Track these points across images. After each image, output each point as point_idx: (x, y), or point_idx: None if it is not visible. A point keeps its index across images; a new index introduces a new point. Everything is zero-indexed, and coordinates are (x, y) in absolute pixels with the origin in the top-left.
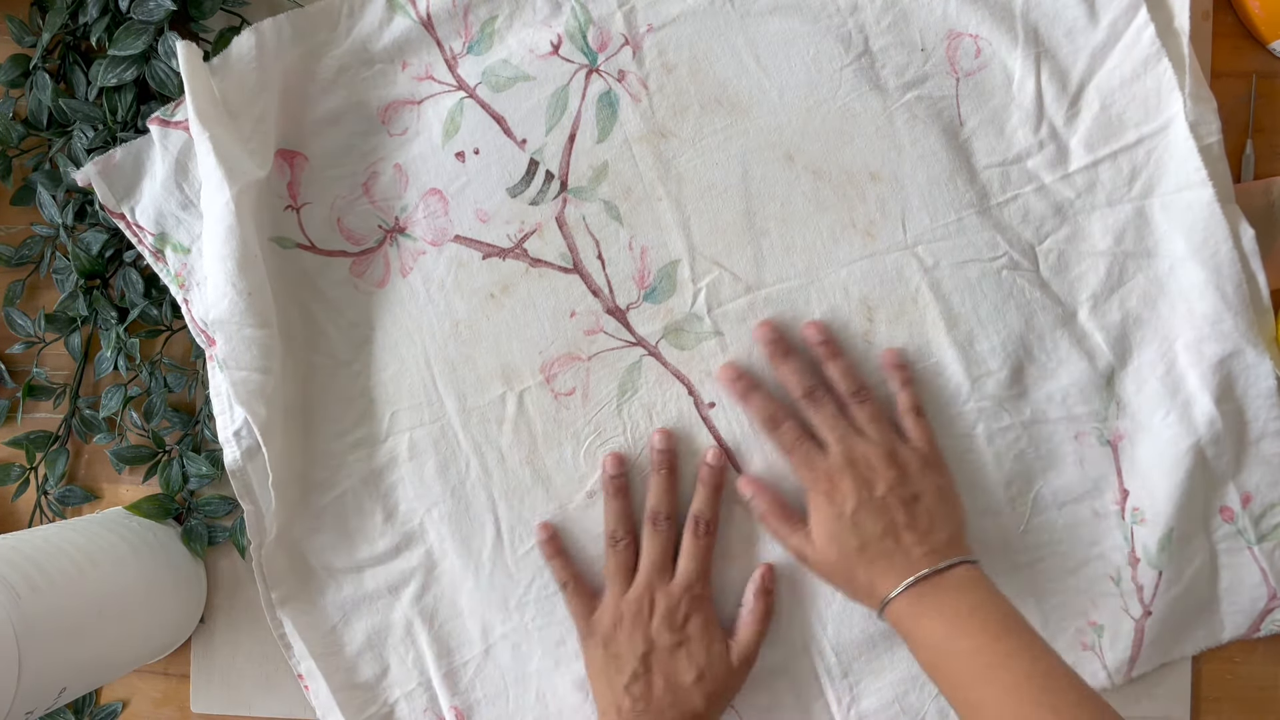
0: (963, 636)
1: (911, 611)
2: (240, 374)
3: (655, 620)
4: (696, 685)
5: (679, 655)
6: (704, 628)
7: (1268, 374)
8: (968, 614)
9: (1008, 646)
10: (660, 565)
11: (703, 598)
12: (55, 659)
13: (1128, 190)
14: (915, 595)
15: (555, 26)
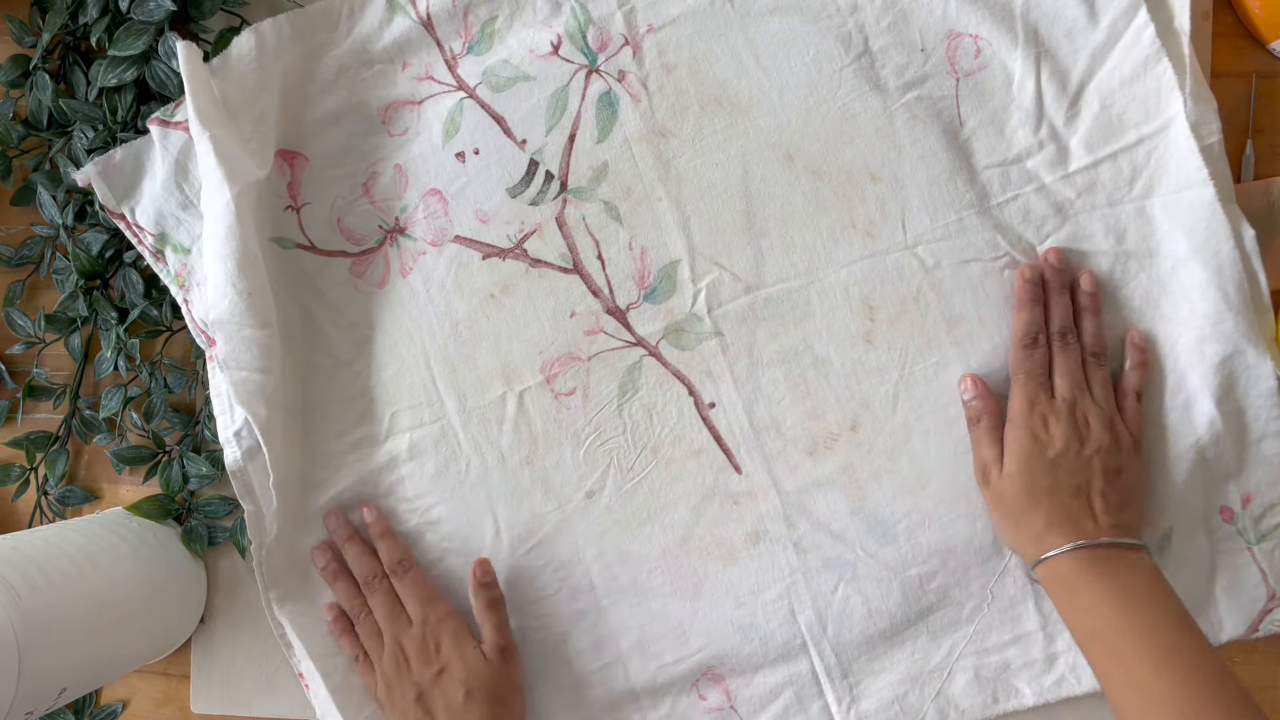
0: (1136, 615)
1: (1079, 575)
2: (241, 374)
3: (413, 664)
4: (470, 700)
5: (444, 682)
6: (453, 645)
7: (1268, 374)
8: (1144, 594)
9: (1184, 637)
10: (392, 615)
11: (440, 620)
12: (55, 659)
13: (1128, 190)
14: (1087, 560)
15: (555, 27)
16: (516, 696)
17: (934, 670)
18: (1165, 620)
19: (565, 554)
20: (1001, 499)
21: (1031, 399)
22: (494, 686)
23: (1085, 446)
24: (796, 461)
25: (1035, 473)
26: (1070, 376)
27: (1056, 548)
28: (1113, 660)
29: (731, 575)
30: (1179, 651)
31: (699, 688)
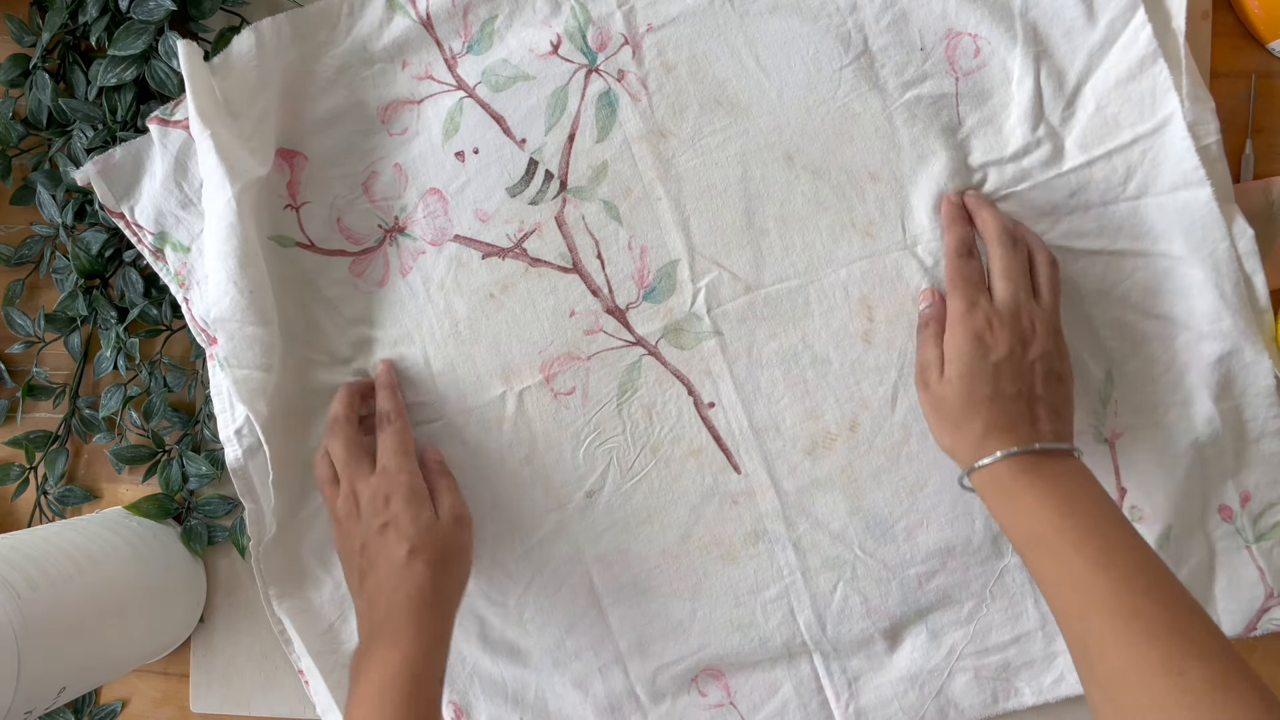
0: (1075, 516)
1: (1018, 480)
2: (242, 372)
3: (363, 513)
4: (412, 557)
5: (389, 535)
6: (406, 501)
7: (1266, 373)
8: (1083, 497)
9: (1122, 538)
10: (352, 460)
11: (400, 475)
12: (55, 659)
13: (1122, 190)
14: (1024, 466)
15: (555, 26)
16: (462, 562)
17: (934, 670)
18: (1104, 521)
19: (565, 554)
20: (941, 404)
21: (972, 301)
22: (440, 548)
23: (1029, 351)
24: (796, 461)
25: (976, 378)
26: (1013, 280)
27: (995, 453)
28: (1053, 561)
29: (731, 575)
30: (1120, 550)
31: (699, 684)
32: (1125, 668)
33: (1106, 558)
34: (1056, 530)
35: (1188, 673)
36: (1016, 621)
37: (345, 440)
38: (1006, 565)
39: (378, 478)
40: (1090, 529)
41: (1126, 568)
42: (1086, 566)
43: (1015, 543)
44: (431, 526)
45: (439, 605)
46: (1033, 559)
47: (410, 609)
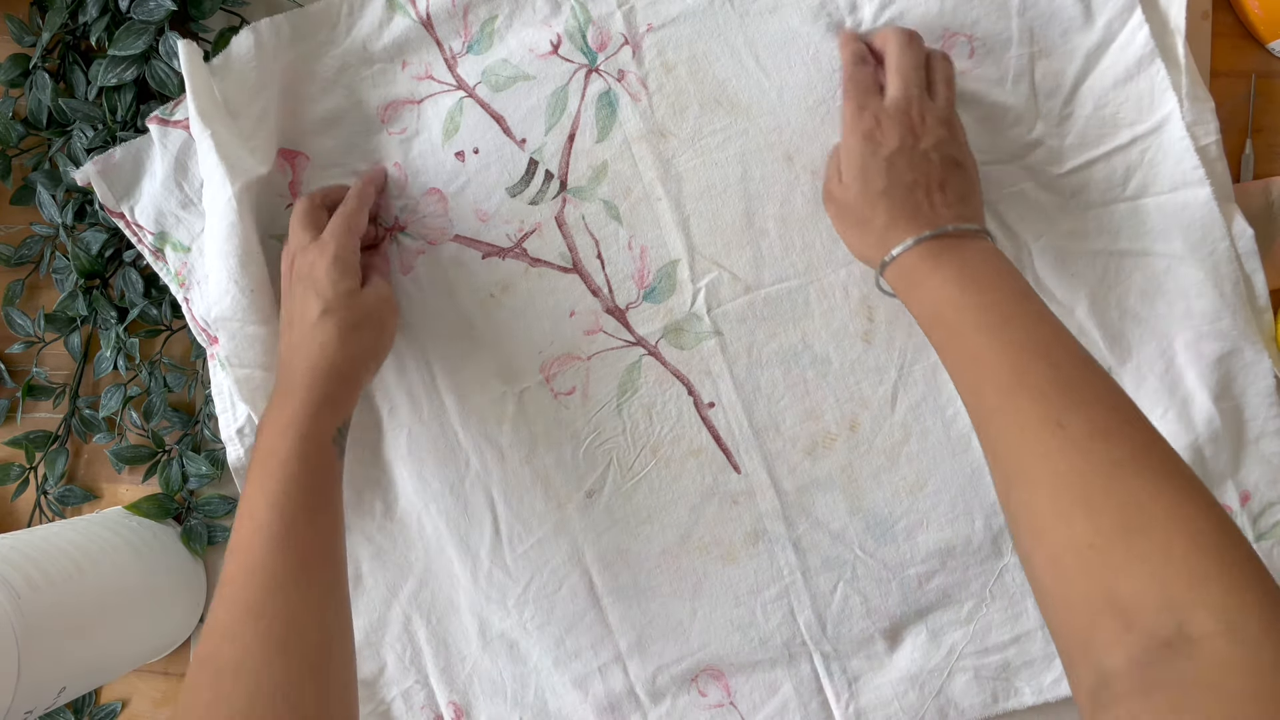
0: (974, 292)
1: (922, 266)
2: (243, 371)
3: (293, 276)
4: (324, 317)
5: (307, 295)
6: (329, 268)
7: (1266, 372)
8: (983, 274)
9: (1021, 308)
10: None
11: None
12: (55, 659)
13: (1122, 190)
14: (930, 251)
15: (555, 26)
16: (376, 332)
17: (934, 670)
18: (1005, 295)
19: (565, 553)
20: (843, 208)
21: (861, 104)
22: (354, 315)
23: (920, 142)
24: (795, 461)
25: (871, 174)
26: (904, 75)
27: (901, 243)
28: (952, 338)
29: (731, 575)
30: (1017, 319)
31: (699, 684)
32: (1011, 430)
33: (1001, 326)
34: (957, 308)
35: (1068, 424)
36: (1016, 621)
37: (301, 212)
38: (1006, 565)
39: (314, 245)
40: (990, 304)
41: (1020, 336)
42: (980, 338)
43: (922, 326)
44: (351, 293)
45: (341, 368)
46: (936, 342)
47: (309, 367)
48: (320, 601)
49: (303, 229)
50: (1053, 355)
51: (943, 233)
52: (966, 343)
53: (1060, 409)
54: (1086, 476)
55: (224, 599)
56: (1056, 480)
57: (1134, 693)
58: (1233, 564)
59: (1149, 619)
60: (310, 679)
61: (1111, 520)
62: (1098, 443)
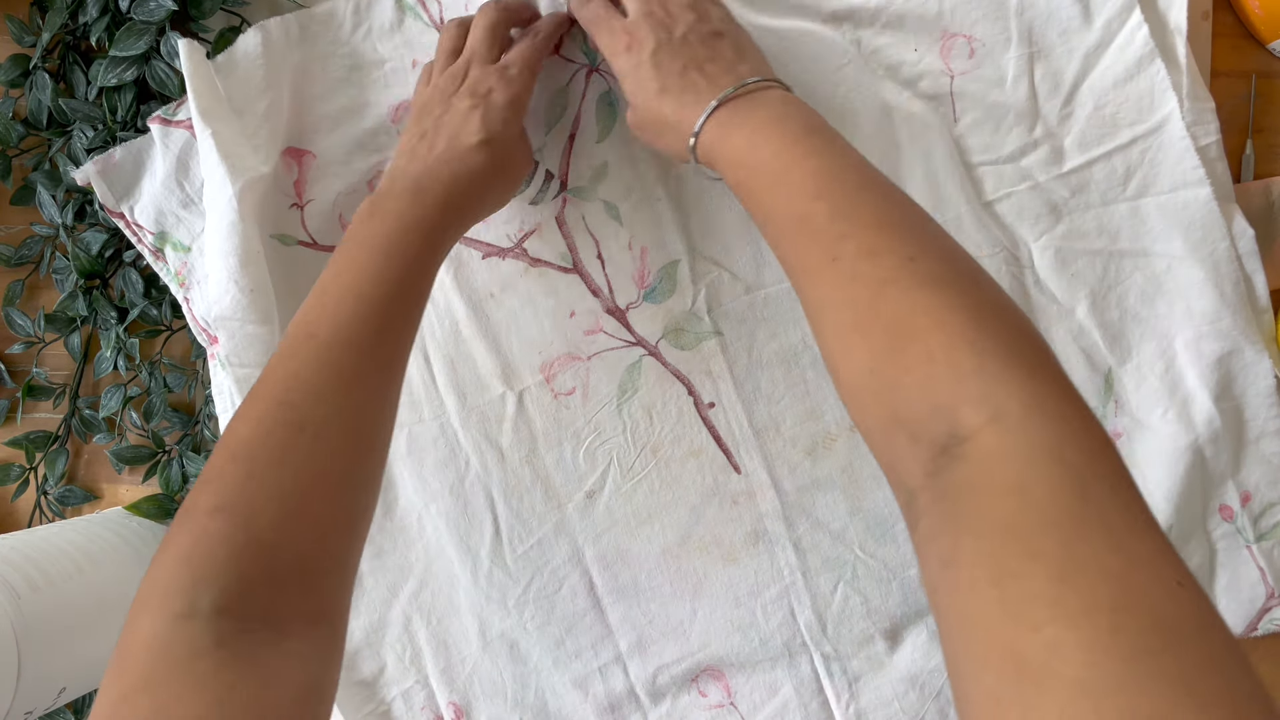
0: (760, 146)
1: (719, 135)
2: (243, 371)
3: (463, 86)
4: (484, 147)
5: (473, 116)
6: (505, 104)
7: (1266, 372)
8: (770, 123)
9: (801, 149)
10: (483, 43)
11: (513, 79)
12: (55, 659)
13: (1122, 190)
14: (723, 119)
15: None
16: (507, 190)
17: (934, 670)
18: (786, 140)
19: (565, 553)
20: (640, 125)
21: (610, 31)
22: (507, 160)
23: (674, 31)
24: (796, 461)
25: (643, 81)
26: None
27: (694, 126)
28: (749, 201)
29: (731, 575)
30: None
31: (699, 684)
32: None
33: (782, 177)
34: (748, 168)
35: (840, 255)
36: None
37: (490, 23)
38: None
39: (496, 70)
40: (771, 155)
41: (799, 178)
42: (767, 194)
43: (736, 192)
44: (515, 138)
45: (479, 200)
46: (743, 204)
47: (455, 184)
48: (394, 402)
49: (486, 42)
50: (829, 191)
51: (725, 97)
52: (759, 202)
53: (832, 240)
54: (857, 301)
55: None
56: (835, 312)
57: (930, 506)
58: (992, 352)
59: (927, 428)
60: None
61: (881, 340)
62: (864, 264)
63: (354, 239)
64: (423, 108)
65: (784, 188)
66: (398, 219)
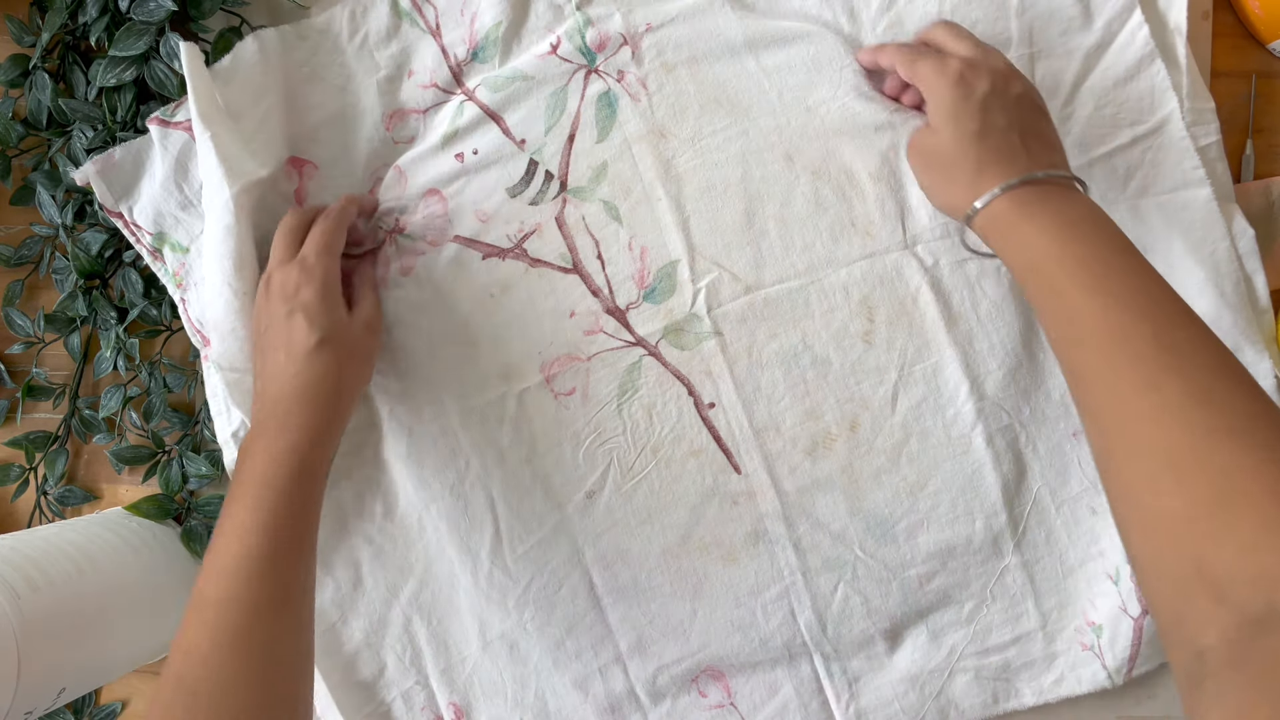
0: (1073, 242)
1: (1017, 211)
2: (234, 375)
3: (273, 297)
4: (321, 347)
5: (296, 321)
6: (319, 295)
7: (1266, 373)
8: (1079, 221)
9: (1120, 262)
10: (281, 244)
11: (314, 268)
12: (55, 659)
13: (1122, 190)
14: (1023, 198)
15: (555, 29)
16: (366, 364)
17: (934, 670)
18: (1104, 247)
19: (565, 554)
20: (931, 155)
21: (943, 59)
22: (348, 345)
23: (1010, 88)
24: (796, 462)
25: (963, 117)
26: (968, 37)
27: (992, 190)
28: (1048, 293)
29: (731, 575)
30: (1117, 274)
31: (699, 685)
32: (1107, 393)
33: (1101, 283)
34: (1055, 260)
35: (1164, 388)
36: (1017, 622)
37: (285, 229)
38: (1007, 565)
39: (295, 265)
40: (1089, 256)
41: (1121, 291)
42: (1080, 294)
43: (1016, 277)
44: (343, 322)
45: (337, 398)
46: (1031, 293)
47: (307, 396)
48: (297, 631)
49: (284, 246)
50: (1153, 314)
51: (1034, 178)
52: (1064, 299)
53: (1157, 372)
54: (1180, 444)
55: (204, 622)
56: (1150, 448)
57: (1225, 668)
58: None
59: (1240, 593)
60: (284, 709)
61: (1204, 490)
62: (1194, 409)
63: (236, 483)
64: (256, 327)
65: (1102, 296)
66: (267, 456)
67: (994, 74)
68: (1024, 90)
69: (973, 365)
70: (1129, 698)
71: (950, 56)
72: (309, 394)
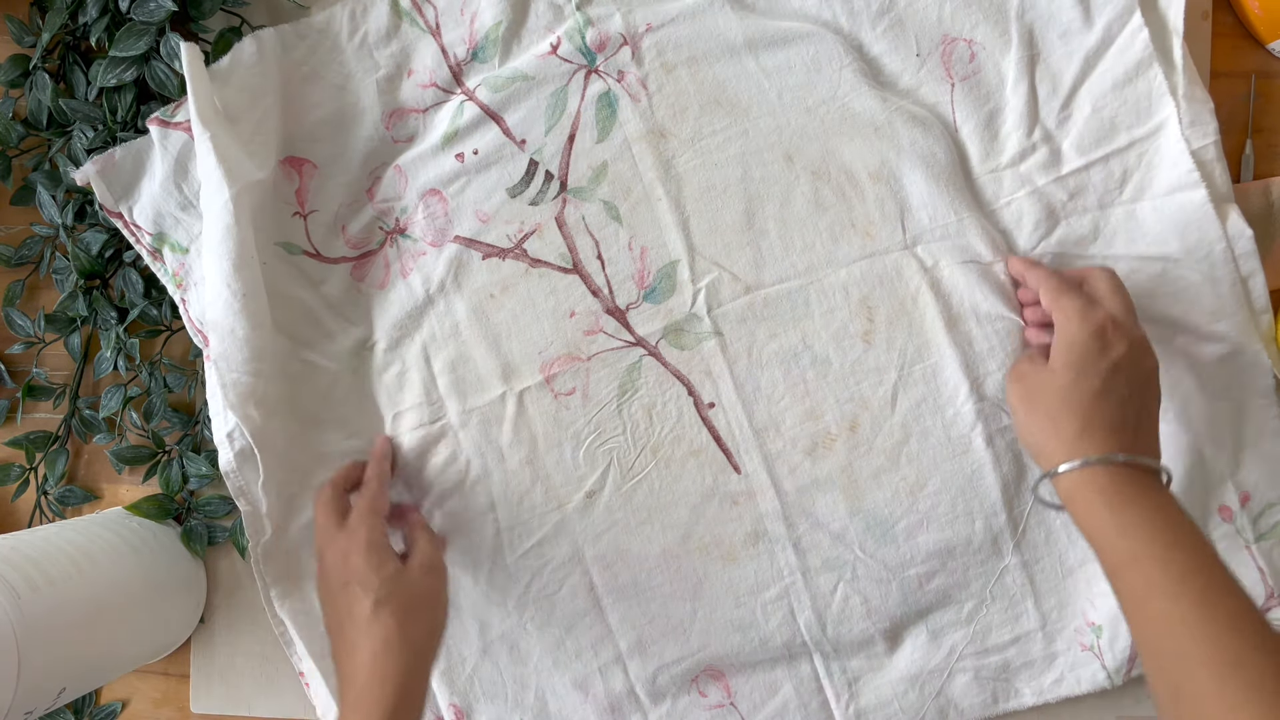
0: (1179, 549)
1: (1120, 490)
2: (232, 375)
3: (329, 574)
4: (379, 608)
5: (351, 591)
6: (366, 557)
7: (1265, 373)
8: (1186, 529)
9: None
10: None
11: (357, 532)
12: (55, 659)
13: (1119, 193)
14: (1121, 477)
15: (555, 29)
16: (432, 610)
17: (934, 670)
18: (1207, 560)
19: (565, 554)
20: (1040, 394)
21: (1091, 301)
22: (405, 596)
23: (1142, 363)
24: (796, 462)
25: (1089, 371)
26: (1123, 295)
27: (1090, 455)
28: (1155, 593)
29: (731, 575)
30: (1222, 592)
31: (699, 685)
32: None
33: (1210, 600)
34: (1160, 562)
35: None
36: (1016, 622)
37: (324, 502)
38: (1007, 565)
39: (343, 537)
40: (1195, 567)
41: (1231, 613)
42: (1191, 609)
43: (1108, 560)
44: (396, 575)
45: (407, 658)
46: (1129, 582)
47: (375, 667)
48: None
49: (328, 519)
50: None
51: (1133, 461)
52: (1176, 605)
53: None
54: None
55: None
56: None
57: None
58: None
59: None
60: None
61: None
62: None
63: None
64: (323, 610)
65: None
66: None
67: (1133, 342)
68: (1153, 369)
69: (972, 366)
70: (1129, 698)
71: (1099, 305)
72: (378, 664)
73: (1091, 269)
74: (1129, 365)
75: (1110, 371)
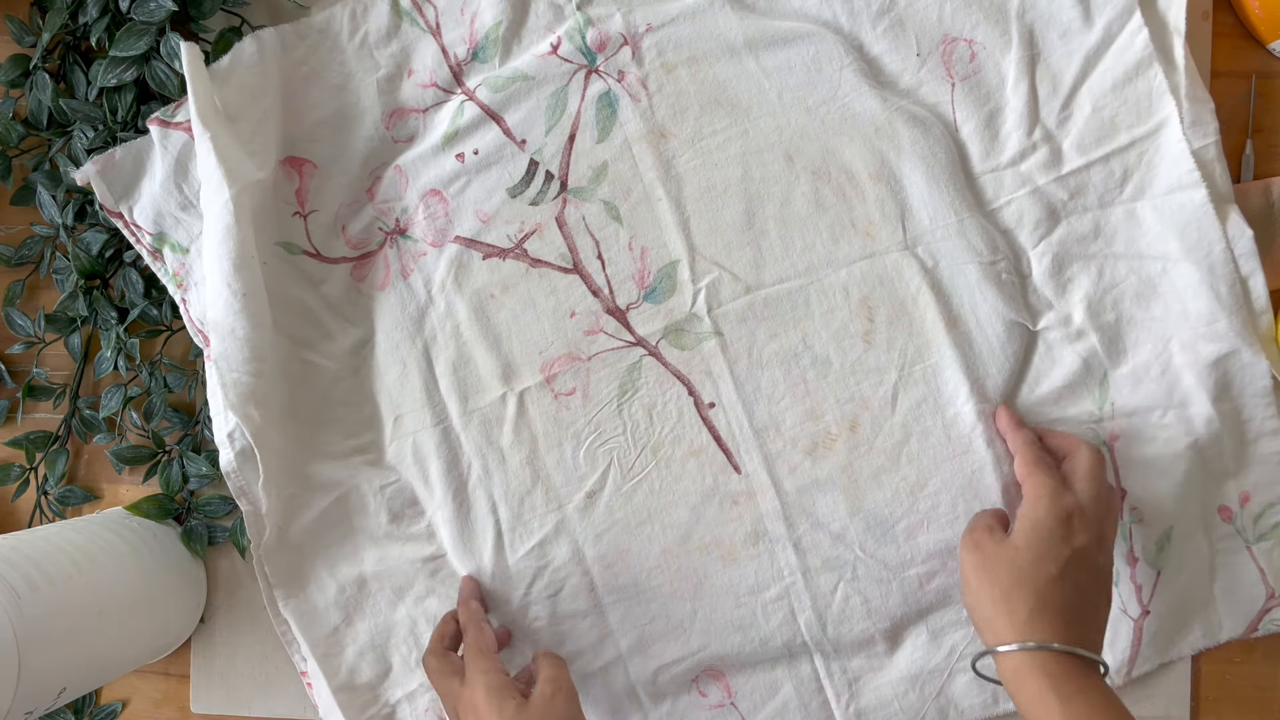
0: None
1: (1071, 681)
2: (232, 375)
3: None
4: None
5: None
6: (488, 701)
7: (1264, 373)
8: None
9: None
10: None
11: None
12: (55, 659)
13: (1119, 193)
14: (1063, 669)
15: (556, 29)
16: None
17: (934, 670)
18: None
19: (565, 554)
20: (995, 567)
21: (1063, 485)
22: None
23: (1100, 555)
24: (796, 461)
25: (1049, 554)
26: (1099, 482)
27: (1037, 641)
28: None
29: (731, 575)
30: None
31: (699, 684)
32: None
33: None
34: None
35: None
36: None
37: (434, 670)
38: None
39: (466, 692)
40: None
41: None
42: None
43: None
44: (520, 710)
45: None
46: None
47: None
48: None
49: (446, 682)
50: None
51: (1078, 654)
52: None
53: None
54: None
55: None
56: None
57: None
58: None
59: None
60: None
61: None
62: None
63: None
64: None
65: None
66: None
67: (1099, 536)
68: (1107, 568)
69: (972, 366)
70: (1129, 698)
71: (1069, 491)
72: None
73: (1080, 443)
74: (1089, 557)
75: (1071, 560)
